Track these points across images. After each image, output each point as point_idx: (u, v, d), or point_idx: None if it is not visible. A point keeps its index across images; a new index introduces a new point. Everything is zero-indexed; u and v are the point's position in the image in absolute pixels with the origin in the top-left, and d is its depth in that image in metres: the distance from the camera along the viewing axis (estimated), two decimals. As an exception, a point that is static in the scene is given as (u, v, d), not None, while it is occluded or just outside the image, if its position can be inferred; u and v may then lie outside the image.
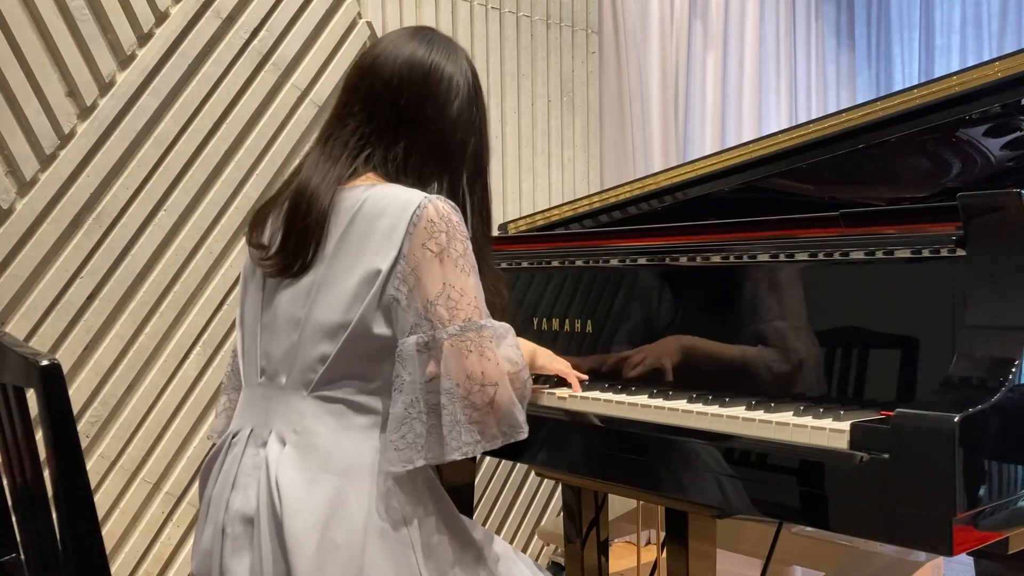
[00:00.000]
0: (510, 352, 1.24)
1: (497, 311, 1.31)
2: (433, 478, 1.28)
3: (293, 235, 1.25)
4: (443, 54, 1.33)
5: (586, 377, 1.62)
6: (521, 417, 1.24)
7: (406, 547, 1.18)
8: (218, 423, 1.45)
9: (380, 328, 1.21)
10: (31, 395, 1.23)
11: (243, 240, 2.45)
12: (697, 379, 1.51)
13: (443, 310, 1.18)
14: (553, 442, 1.52)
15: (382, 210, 1.22)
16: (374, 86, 1.31)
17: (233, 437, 1.30)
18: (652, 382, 1.56)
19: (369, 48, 1.37)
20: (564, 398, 1.53)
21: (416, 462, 1.18)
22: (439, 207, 1.22)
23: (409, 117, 1.30)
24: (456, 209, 1.25)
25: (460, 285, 1.20)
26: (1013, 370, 1.09)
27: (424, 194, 1.23)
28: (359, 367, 1.22)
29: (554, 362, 1.58)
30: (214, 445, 1.36)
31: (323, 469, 1.19)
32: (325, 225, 1.24)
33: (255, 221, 1.35)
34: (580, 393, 1.52)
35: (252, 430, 1.27)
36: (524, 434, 1.24)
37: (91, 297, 2.25)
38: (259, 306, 1.33)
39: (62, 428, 1.19)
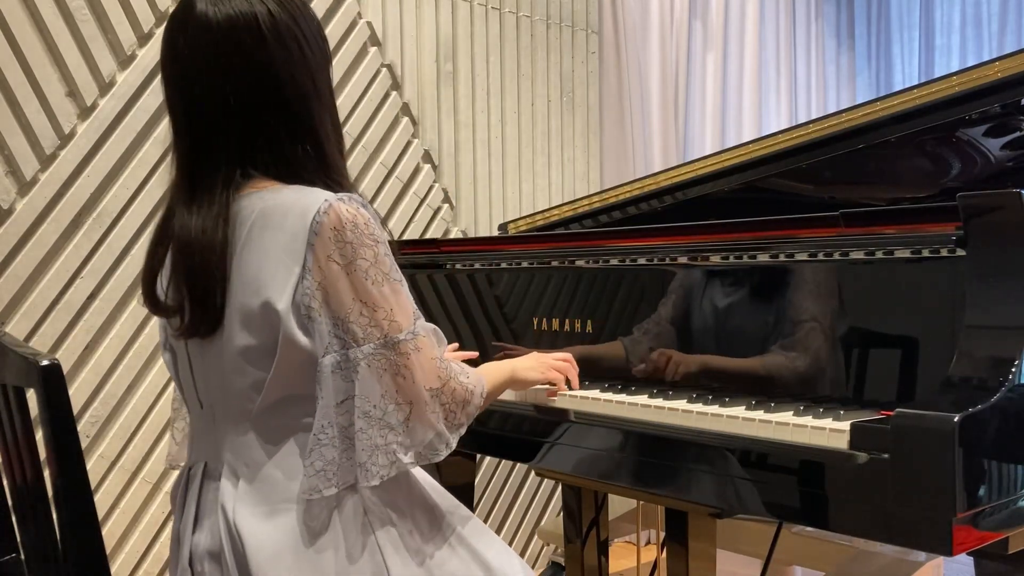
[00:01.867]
0: (431, 367, 1.15)
1: None
2: (408, 478, 1.22)
3: (198, 301, 1.14)
4: (231, 2, 1.15)
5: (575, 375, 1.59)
6: (438, 438, 1.16)
7: (379, 567, 1.14)
8: (178, 451, 1.39)
9: (304, 345, 1.12)
10: (31, 395, 1.23)
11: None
12: (697, 379, 1.51)
13: (356, 327, 1.10)
14: (553, 442, 1.52)
15: (280, 221, 1.12)
16: (205, 102, 1.15)
17: (190, 470, 1.25)
18: (652, 382, 1.56)
19: (167, 47, 1.19)
20: (564, 397, 1.53)
21: (325, 491, 1.10)
22: (342, 212, 1.10)
23: (255, 110, 1.15)
24: (363, 205, 1.13)
25: (372, 299, 1.11)
26: (1013, 370, 1.10)
27: (324, 196, 1.11)
28: (295, 388, 1.15)
29: (542, 369, 1.51)
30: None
31: (280, 499, 1.14)
32: (227, 272, 1.13)
33: (147, 289, 1.22)
34: (580, 393, 1.52)
35: (206, 464, 1.22)
36: (442, 455, 1.17)
37: (91, 297, 2.24)
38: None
39: (62, 428, 1.18)
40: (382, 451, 1.11)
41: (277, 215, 1.13)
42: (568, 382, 1.56)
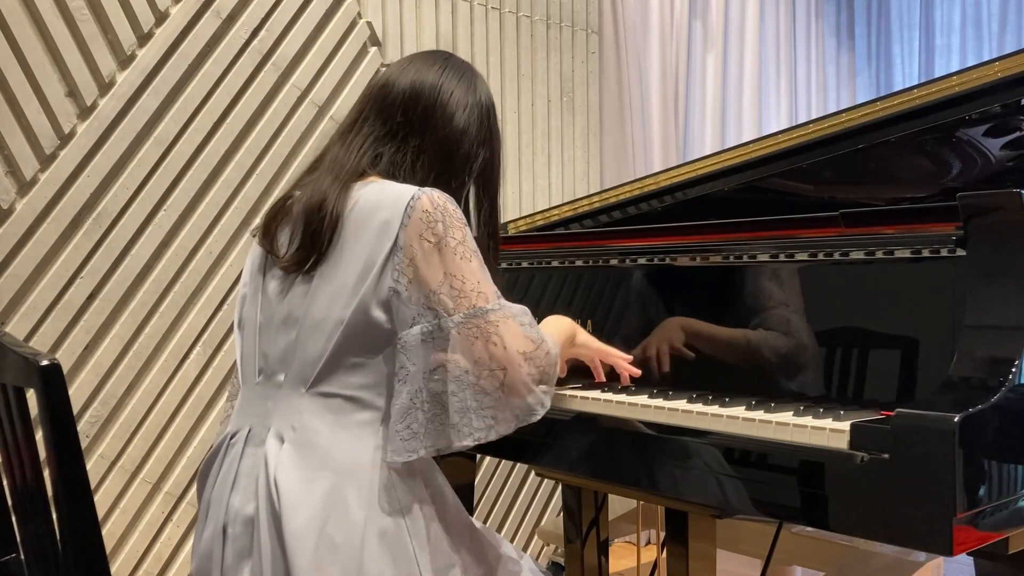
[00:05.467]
0: (520, 333, 1.23)
1: None
2: (436, 476, 1.27)
3: (311, 228, 1.27)
4: (455, 75, 1.38)
5: (637, 372, 1.56)
6: (535, 400, 1.23)
7: (406, 546, 1.17)
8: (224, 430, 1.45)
9: (379, 321, 1.21)
10: (31, 395, 1.23)
11: (243, 240, 2.46)
12: (697, 379, 1.50)
13: (447, 299, 1.19)
14: (553, 442, 1.52)
15: (376, 205, 1.24)
16: (387, 98, 1.35)
17: (231, 438, 1.30)
18: (652, 382, 1.56)
19: (397, 64, 1.41)
20: (563, 397, 1.52)
21: (419, 452, 1.18)
22: (433, 197, 1.23)
23: (419, 122, 1.33)
24: (451, 199, 1.25)
25: (461, 273, 1.21)
26: (1013, 370, 1.09)
27: (416, 187, 1.24)
28: (357, 362, 1.22)
29: (606, 356, 1.53)
30: (211, 447, 1.36)
31: (321, 466, 1.19)
32: (339, 222, 1.25)
33: (270, 218, 1.36)
34: (580, 393, 1.52)
35: (250, 430, 1.27)
36: (538, 415, 1.25)
37: (91, 297, 2.25)
38: (257, 308, 1.34)
39: (62, 428, 1.19)
40: (476, 414, 1.19)
41: (372, 204, 1.25)
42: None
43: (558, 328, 1.46)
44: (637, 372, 1.55)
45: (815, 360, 1.36)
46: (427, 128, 1.34)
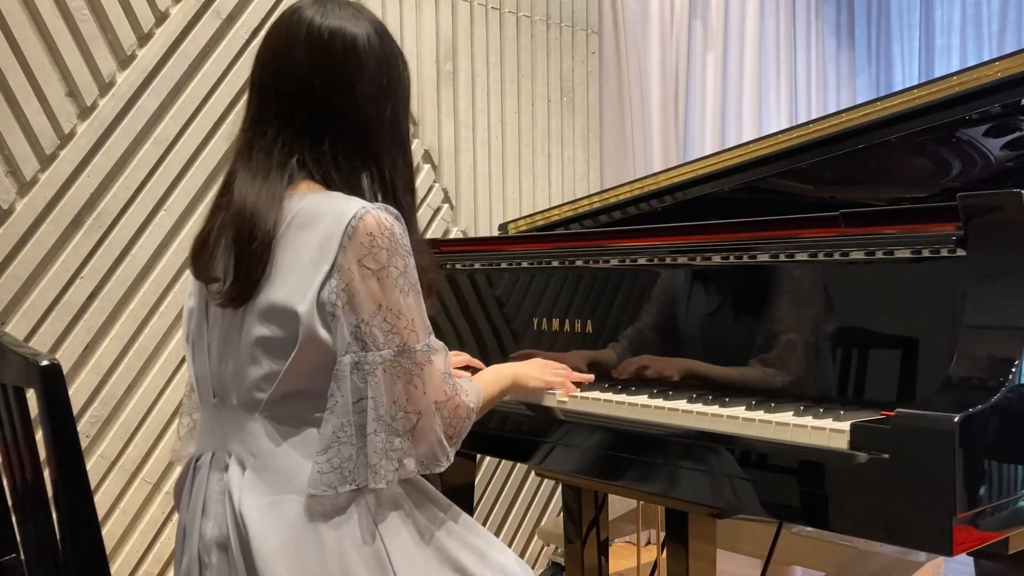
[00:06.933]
0: (440, 380, 1.19)
1: (426, 286, 1.24)
2: (412, 482, 1.24)
3: (243, 262, 1.18)
4: (339, 18, 1.23)
5: (590, 378, 1.62)
6: (440, 449, 1.19)
7: (382, 562, 1.15)
8: (181, 446, 1.40)
9: (326, 340, 1.15)
10: (31, 395, 1.23)
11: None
12: (697, 379, 1.51)
13: (378, 332, 1.14)
14: (554, 442, 1.52)
15: (315, 221, 1.16)
16: (282, 85, 1.23)
17: (197, 461, 1.27)
18: (652, 382, 1.56)
19: (265, 37, 1.28)
20: (564, 399, 1.53)
21: (340, 488, 1.13)
22: (380, 219, 1.15)
23: (325, 112, 1.22)
24: (399, 219, 1.18)
25: (397, 307, 1.15)
26: (1013, 370, 1.10)
27: (362, 203, 1.16)
28: (307, 383, 1.18)
29: (545, 375, 1.54)
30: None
31: (285, 490, 1.16)
32: (272, 246, 1.17)
33: (197, 252, 1.26)
34: (580, 393, 1.52)
35: (213, 454, 1.24)
36: (443, 466, 1.20)
37: (91, 297, 2.24)
38: (204, 327, 1.28)
39: (62, 428, 1.19)
40: (386, 456, 1.15)
41: (314, 216, 1.17)
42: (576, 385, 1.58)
43: (493, 378, 1.42)
44: (587, 378, 1.60)
45: (815, 360, 1.36)
46: (335, 116, 1.22)
